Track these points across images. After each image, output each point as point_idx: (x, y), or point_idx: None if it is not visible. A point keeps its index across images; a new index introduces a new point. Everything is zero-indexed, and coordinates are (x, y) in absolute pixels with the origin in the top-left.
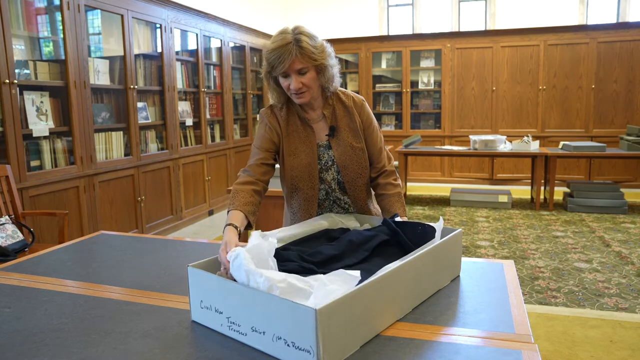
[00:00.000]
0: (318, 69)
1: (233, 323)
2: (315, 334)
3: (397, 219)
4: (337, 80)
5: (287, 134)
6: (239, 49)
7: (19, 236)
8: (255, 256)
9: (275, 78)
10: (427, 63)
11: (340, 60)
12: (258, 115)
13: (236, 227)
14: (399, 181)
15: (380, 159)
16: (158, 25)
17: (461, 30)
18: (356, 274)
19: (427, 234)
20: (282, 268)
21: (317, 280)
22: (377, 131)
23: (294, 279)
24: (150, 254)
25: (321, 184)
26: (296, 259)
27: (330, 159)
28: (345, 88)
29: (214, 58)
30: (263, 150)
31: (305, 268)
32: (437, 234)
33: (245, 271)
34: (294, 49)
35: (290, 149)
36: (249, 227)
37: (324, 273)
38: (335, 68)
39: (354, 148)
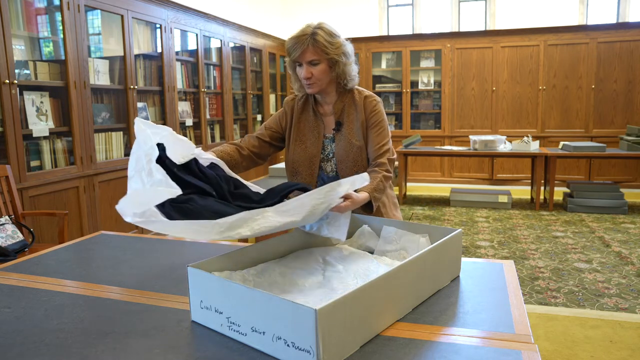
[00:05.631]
0: (330, 63)
1: (233, 323)
2: (315, 334)
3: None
4: (354, 79)
5: (297, 121)
6: (239, 49)
7: (19, 236)
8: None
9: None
10: (427, 63)
11: None
12: None
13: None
14: (389, 173)
15: (378, 158)
16: (158, 26)
17: (461, 30)
18: (177, 190)
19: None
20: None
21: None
22: (382, 133)
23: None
24: (150, 254)
25: (321, 172)
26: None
27: (332, 152)
28: None
29: (214, 58)
30: (266, 127)
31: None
32: (346, 186)
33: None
34: (308, 40)
35: (298, 135)
36: None
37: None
38: (349, 66)
39: (352, 145)
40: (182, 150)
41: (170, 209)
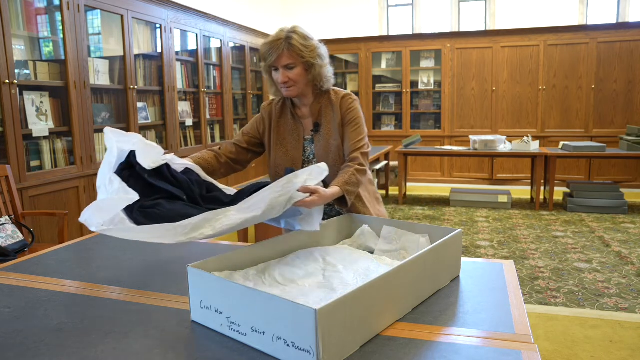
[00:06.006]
0: (306, 66)
1: (233, 323)
2: (315, 334)
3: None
4: (330, 80)
5: (276, 125)
6: (239, 49)
7: (19, 236)
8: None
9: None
10: (427, 63)
11: (340, 60)
12: None
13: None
14: (362, 167)
15: (352, 153)
16: (158, 26)
17: (461, 30)
18: (134, 196)
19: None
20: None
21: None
22: (357, 129)
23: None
24: (151, 254)
25: None
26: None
27: (312, 153)
28: (345, 88)
29: (214, 58)
30: (243, 134)
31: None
32: (304, 177)
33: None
34: (283, 45)
35: (278, 139)
36: None
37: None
38: (325, 68)
39: (330, 144)
40: (152, 156)
41: (138, 214)
